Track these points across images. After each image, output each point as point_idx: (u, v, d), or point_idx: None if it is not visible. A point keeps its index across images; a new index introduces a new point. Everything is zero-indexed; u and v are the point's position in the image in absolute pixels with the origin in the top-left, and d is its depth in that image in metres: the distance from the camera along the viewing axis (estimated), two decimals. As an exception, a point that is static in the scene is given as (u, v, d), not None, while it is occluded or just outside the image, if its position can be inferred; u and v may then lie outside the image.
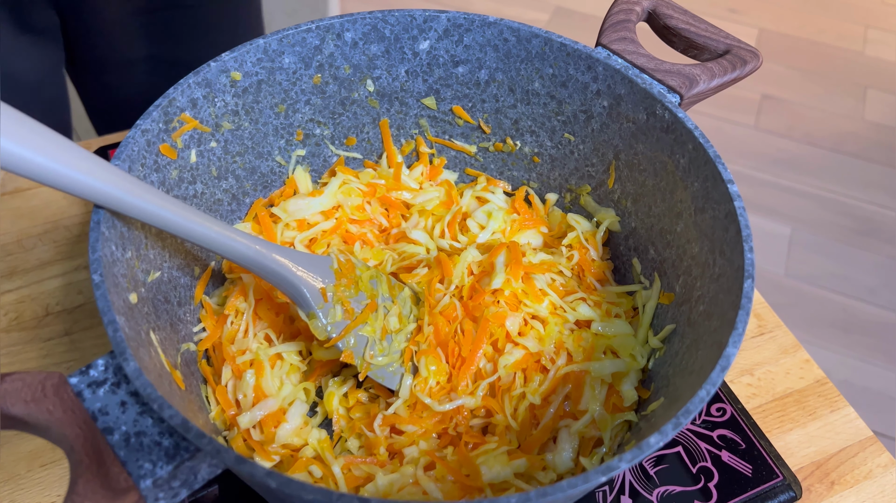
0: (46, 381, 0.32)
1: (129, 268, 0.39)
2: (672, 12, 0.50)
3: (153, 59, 0.86)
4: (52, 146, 0.34)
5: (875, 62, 2.27)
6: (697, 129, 0.42)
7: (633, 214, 0.50)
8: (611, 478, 0.46)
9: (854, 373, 1.58)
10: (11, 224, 0.68)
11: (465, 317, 0.48)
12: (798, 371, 0.61)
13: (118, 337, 0.33)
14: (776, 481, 0.47)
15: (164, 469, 0.31)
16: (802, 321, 1.65)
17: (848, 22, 2.40)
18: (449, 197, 0.55)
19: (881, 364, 1.60)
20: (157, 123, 0.42)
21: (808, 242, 1.81)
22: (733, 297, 0.36)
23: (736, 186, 0.40)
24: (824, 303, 1.69)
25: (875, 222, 1.85)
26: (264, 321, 0.47)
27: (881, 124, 2.09)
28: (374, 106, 0.53)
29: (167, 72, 0.86)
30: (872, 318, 1.67)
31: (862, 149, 2.02)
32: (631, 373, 0.45)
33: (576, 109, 0.50)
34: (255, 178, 0.52)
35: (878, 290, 1.72)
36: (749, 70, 0.47)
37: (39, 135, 0.34)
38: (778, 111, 2.11)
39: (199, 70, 0.44)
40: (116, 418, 0.32)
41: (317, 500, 0.28)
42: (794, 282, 1.73)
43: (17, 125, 0.33)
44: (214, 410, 0.45)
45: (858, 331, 1.65)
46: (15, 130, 0.33)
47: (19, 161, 0.33)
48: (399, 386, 0.46)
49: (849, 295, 1.71)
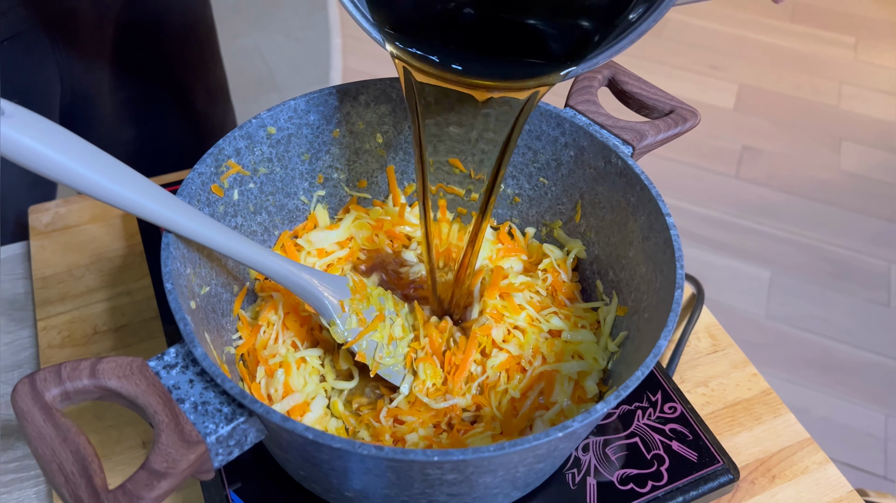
0: (132, 363, 0.42)
1: (189, 282, 0.49)
2: (627, 79, 0.61)
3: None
4: (136, 182, 0.44)
5: (849, 115, 2.38)
6: (643, 174, 0.53)
7: (596, 244, 0.60)
8: (579, 463, 0.56)
9: (833, 410, 1.64)
10: (62, 257, 0.78)
11: (457, 329, 0.58)
12: (747, 383, 0.70)
13: (188, 329, 0.42)
14: (717, 466, 0.56)
15: (224, 429, 0.41)
16: (783, 361, 1.73)
17: (823, 77, 2.52)
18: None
19: (860, 402, 1.65)
20: (210, 167, 0.53)
21: (788, 286, 1.88)
22: (667, 304, 0.46)
23: (672, 218, 0.50)
24: (804, 344, 1.76)
25: (852, 266, 1.93)
26: (291, 331, 0.57)
27: (856, 174, 2.18)
28: (382, 155, 0.64)
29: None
30: (850, 358, 1.73)
31: (838, 197, 2.11)
32: (593, 373, 0.55)
33: (548, 158, 0.61)
34: (284, 213, 0.62)
35: (855, 332, 1.79)
36: (689, 126, 0.58)
37: (127, 174, 0.44)
38: (757, 161, 2.21)
39: (242, 125, 0.55)
40: (186, 392, 0.42)
41: (343, 448, 0.38)
42: (774, 323, 1.81)
43: (112, 167, 0.44)
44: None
45: (837, 371, 1.71)
46: (111, 171, 0.43)
47: (115, 196, 0.43)
48: (402, 383, 0.56)
49: (827, 336, 1.78)
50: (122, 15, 0.86)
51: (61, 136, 0.41)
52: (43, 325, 0.71)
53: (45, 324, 0.71)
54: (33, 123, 0.39)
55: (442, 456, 0.38)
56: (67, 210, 0.82)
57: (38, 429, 0.38)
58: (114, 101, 0.92)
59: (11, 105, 0.39)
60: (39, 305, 0.72)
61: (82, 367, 0.40)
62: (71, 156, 0.41)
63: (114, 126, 0.94)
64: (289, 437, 0.42)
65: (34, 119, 0.39)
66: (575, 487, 0.54)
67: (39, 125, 0.40)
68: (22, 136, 0.38)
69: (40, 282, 0.74)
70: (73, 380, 0.40)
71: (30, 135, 0.39)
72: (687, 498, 0.55)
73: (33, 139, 0.39)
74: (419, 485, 0.43)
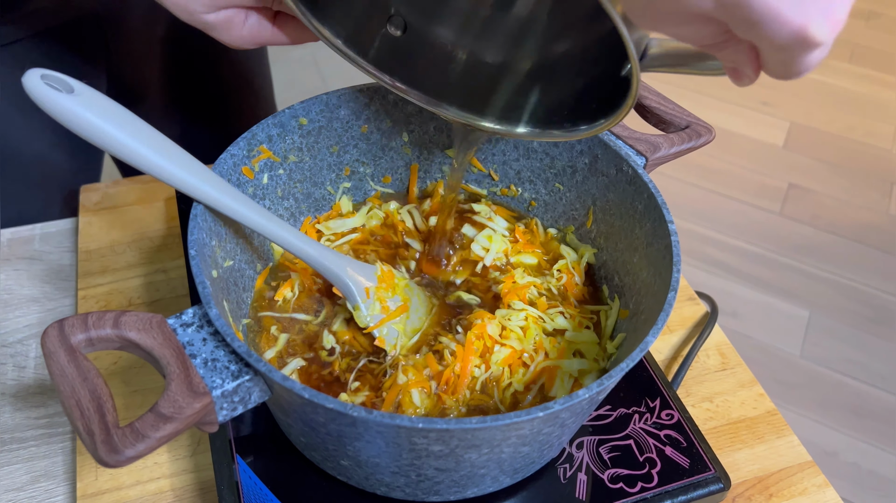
0: (152, 319, 0.45)
1: (213, 253, 0.52)
2: (647, 94, 0.64)
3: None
4: (178, 156, 0.49)
5: (903, 161, 2.34)
6: (651, 183, 0.55)
7: (605, 249, 0.62)
8: (572, 459, 0.57)
9: (863, 456, 1.60)
10: (107, 234, 0.82)
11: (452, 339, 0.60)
12: (752, 402, 0.71)
13: (206, 292, 0.46)
14: (708, 474, 0.57)
15: (229, 384, 0.44)
16: (815, 402, 1.70)
17: (878, 121, 2.49)
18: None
19: (890, 450, 1.62)
20: (242, 150, 0.57)
21: (825, 327, 1.86)
22: (661, 305, 0.48)
23: (674, 225, 0.52)
24: (837, 387, 1.73)
25: (892, 312, 1.89)
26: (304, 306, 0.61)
27: (904, 219, 2.14)
28: (407, 153, 0.67)
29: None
30: (885, 405, 1.70)
31: (884, 241, 2.07)
32: (593, 372, 0.57)
33: (564, 165, 0.63)
34: (310, 201, 0.66)
35: (891, 378, 1.75)
36: (703, 142, 0.60)
37: (170, 147, 0.49)
38: (803, 200, 2.19)
39: (276, 114, 0.59)
40: (199, 348, 0.45)
41: (336, 408, 0.41)
42: (808, 363, 1.78)
43: (159, 142, 0.48)
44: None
45: (870, 417, 1.68)
46: (158, 145, 0.48)
47: (158, 170, 0.48)
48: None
49: (862, 380, 1.75)
50: (174, 29, 0.90)
51: (119, 113, 0.46)
52: (83, 295, 0.76)
53: (85, 294, 0.76)
54: (97, 101, 0.45)
55: (426, 423, 0.40)
56: (116, 191, 0.87)
57: (62, 367, 0.42)
58: (160, 100, 0.97)
59: (80, 84, 0.45)
60: (81, 276, 0.77)
61: (107, 318, 0.44)
62: (126, 130, 0.46)
63: (157, 125, 0.98)
64: (288, 398, 0.44)
65: (98, 97, 0.45)
66: (565, 481, 0.56)
67: (102, 102, 0.45)
68: (87, 112, 0.44)
69: (84, 254, 0.79)
70: (98, 329, 0.44)
71: (93, 111, 0.44)
72: (675, 502, 0.56)
73: (95, 115, 0.44)
74: (407, 455, 0.45)
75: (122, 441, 0.39)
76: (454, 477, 0.49)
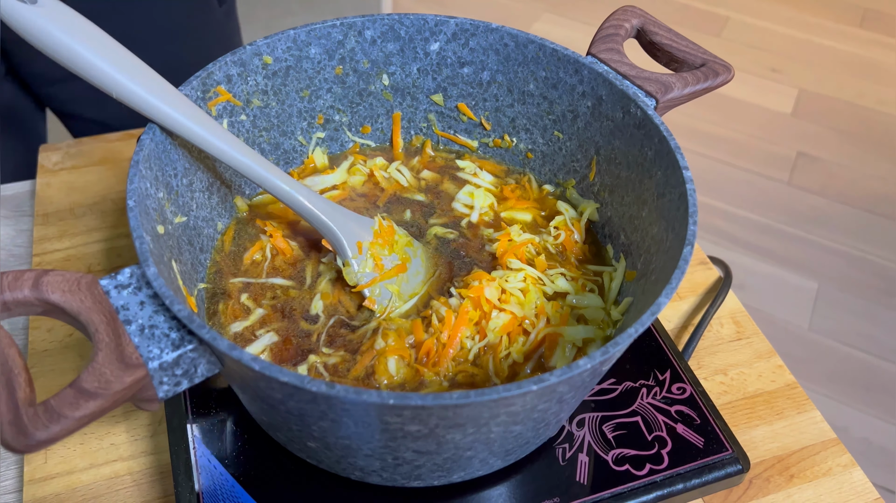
0: (81, 279, 0.39)
1: (160, 205, 0.46)
2: (657, 30, 0.56)
3: None
4: (147, 75, 0.45)
5: (917, 128, 2.27)
6: (663, 125, 0.48)
7: (609, 204, 0.55)
8: (572, 438, 0.51)
9: (874, 431, 1.56)
10: (66, 195, 0.76)
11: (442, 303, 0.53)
12: (770, 375, 0.65)
13: (143, 248, 0.39)
14: (725, 454, 0.51)
15: (169, 355, 0.37)
16: (823, 376, 1.65)
17: (889, 87, 2.42)
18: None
19: (902, 425, 1.58)
20: (196, 91, 0.49)
21: (835, 299, 1.80)
22: (675, 262, 0.41)
23: (690, 172, 0.45)
24: (846, 361, 1.69)
25: (903, 283, 1.84)
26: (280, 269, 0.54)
27: (917, 189, 2.08)
28: (388, 99, 0.60)
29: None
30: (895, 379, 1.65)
31: (895, 211, 2.02)
32: (598, 341, 0.50)
33: (564, 109, 0.56)
34: (279, 153, 0.59)
35: (903, 351, 1.71)
36: (720, 81, 0.53)
37: (138, 66, 0.45)
38: (812, 169, 2.12)
39: (235, 51, 0.52)
40: (135, 314, 0.38)
41: (291, 382, 0.34)
42: (817, 336, 1.73)
43: (128, 60, 0.44)
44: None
45: (881, 391, 1.63)
46: (125, 64, 0.44)
47: (125, 91, 0.44)
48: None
49: (873, 353, 1.70)
50: None
51: (86, 27, 0.43)
52: (38, 261, 0.69)
53: (40, 261, 0.69)
54: (62, 13, 0.42)
55: (399, 399, 0.34)
56: (78, 150, 0.80)
57: (-33, 335, 0.35)
58: None
59: None
60: (37, 241, 0.71)
61: (26, 278, 0.38)
62: (92, 47, 0.42)
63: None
64: (239, 371, 0.38)
65: (62, 8, 0.42)
66: (564, 463, 0.50)
67: (67, 15, 0.43)
68: (50, 26, 0.41)
69: (41, 218, 0.73)
70: (14, 290, 0.37)
71: (58, 25, 0.42)
72: (689, 485, 0.49)
73: (60, 29, 0.42)
74: (380, 437, 0.39)
75: (33, 422, 0.33)
76: (436, 460, 0.42)
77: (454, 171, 0.62)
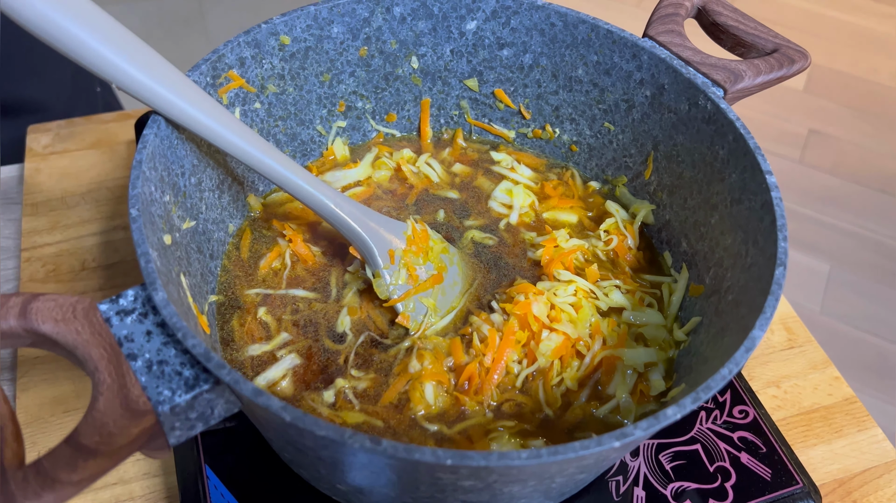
0: (77, 305, 0.33)
1: (166, 211, 0.40)
2: (721, 9, 0.50)
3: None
4: (152, 59, 0.38)
5: (931, 105, 2.22)
6: (739, 121, 0.42)
7: (668, 206, 0.50)
8: (626, 469, 0.46)
9: (885, 417, 1.54)
10: (57, 182, 0.70)
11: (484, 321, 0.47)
12: (827, 387, 0.60)
13: (149, 268, 0.33)
14: (796, 488, 0.46)
15: (182, 397, 0.31)
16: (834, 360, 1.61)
17: (904, 62, 2.36)
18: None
19: (915, 411, 1.55)
20: (206, 77, 0.43)
21: (847, 281, 1.77)
22: (763, 285, 0.36)
23: (774, 178, 0.39)
24: (859, 344, 1.65)
25: (918, 266, 1.81)
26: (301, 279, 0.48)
27: (932, 168, 2.04)
28: (417, 83, 0.54)
29: None
30: (909, 364, 1.62)
31: (909, 191, 1.97)
32: (660, 364, 0.45)
33: (618, 98, 0.50)
34: (296, 144, 0.52)
35: (917, 336, 1.68)
36: (796, 70, 0.47)
37: (141, 48, 0.38)
38: (824, 147, 2.07)
39: (249, 30, 0.45)
40: (141, 346, 0.33)
41: (328, 436, 0.29)
42: (828, 320, 1.70)
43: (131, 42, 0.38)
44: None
45: (893, 376, 1.60)
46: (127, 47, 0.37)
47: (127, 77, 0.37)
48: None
49: (885, 337, 1.67)
50: None
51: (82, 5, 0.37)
52: (27, 257, 0.63)
53: (30, 255, 0.63)
54: None
55: (457, 459, 0.28)
56: (70, 132, 0.74)
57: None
58: None
59: None
60: (26, 234, 0.65)
61: (11, 304, 0.32)
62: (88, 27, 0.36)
63: None
64: (264, 416, 0.32)
65: None
66: (618, 499, 0.45)
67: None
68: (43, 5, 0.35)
69: (30, 208, 0.67)
70: (-3, 320, 0.31)
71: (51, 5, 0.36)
72: (755, 523, 0.45)
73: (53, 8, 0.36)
74: (427, 488, 0.34)
75: (22, 489, 0.27)
76: (486, 508, 0.37)
77: (488, 165, 0.56)
